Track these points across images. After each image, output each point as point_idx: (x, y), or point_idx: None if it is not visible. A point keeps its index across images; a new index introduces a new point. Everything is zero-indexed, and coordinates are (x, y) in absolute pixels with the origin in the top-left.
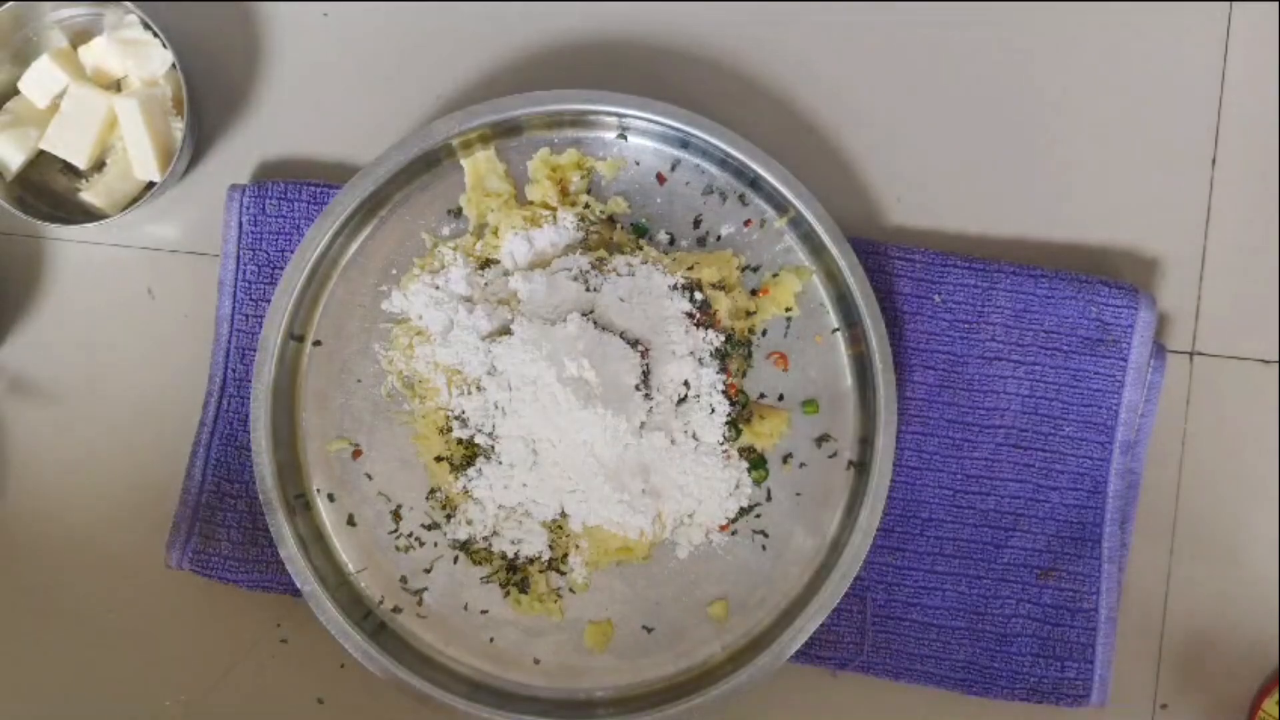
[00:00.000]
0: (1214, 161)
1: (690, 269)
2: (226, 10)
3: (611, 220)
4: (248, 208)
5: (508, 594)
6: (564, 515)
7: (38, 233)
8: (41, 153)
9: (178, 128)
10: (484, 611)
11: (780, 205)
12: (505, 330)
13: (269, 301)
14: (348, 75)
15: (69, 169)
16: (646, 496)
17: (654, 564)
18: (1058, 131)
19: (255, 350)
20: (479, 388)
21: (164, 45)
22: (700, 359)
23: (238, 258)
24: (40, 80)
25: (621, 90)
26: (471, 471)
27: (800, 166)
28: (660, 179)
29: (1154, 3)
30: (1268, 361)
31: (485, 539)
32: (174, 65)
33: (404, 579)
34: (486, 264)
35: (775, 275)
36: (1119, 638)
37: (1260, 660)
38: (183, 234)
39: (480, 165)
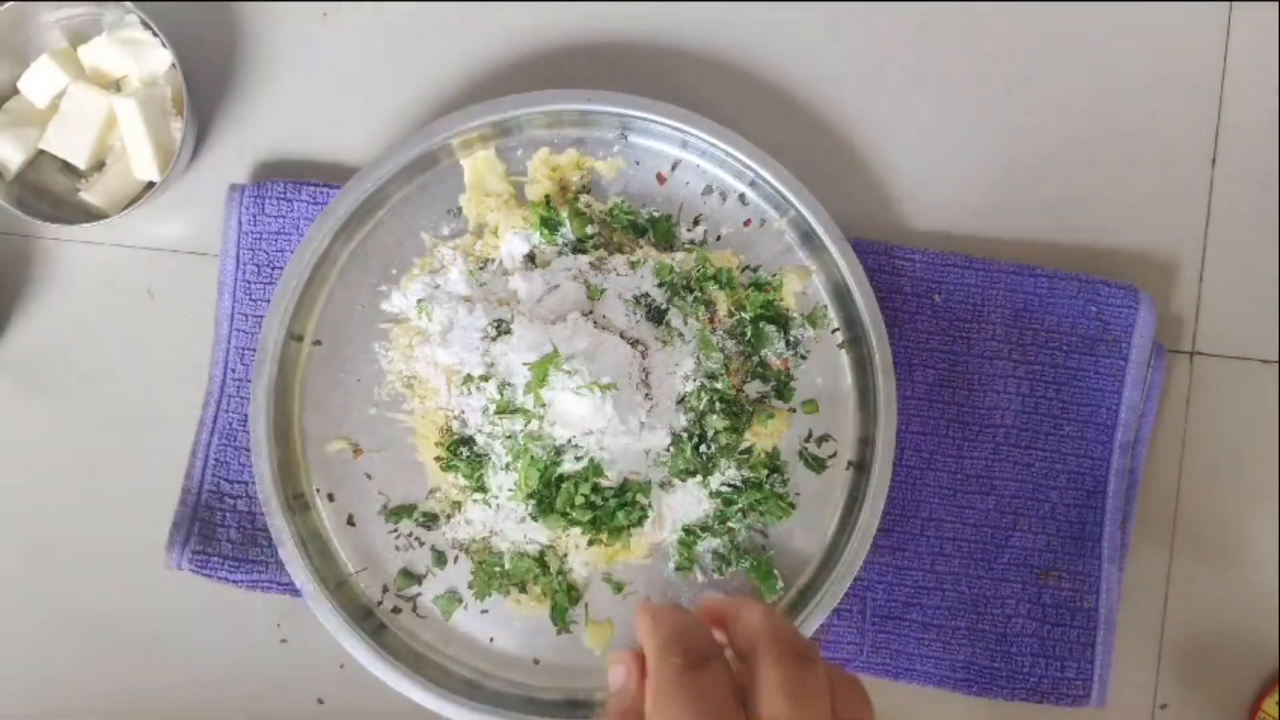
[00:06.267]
0: (1214, 161)
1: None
2: (226, 10)
3: (611, 220)
4: (247, 207)
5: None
6: None
7: (37, 233)
8: (41, 153)
9: (177, 128)
10: (484, 611)
11: (780, 205)
12: (505, 330)
13: (269, 301)
14: (348, 75)
15: (69, 169)
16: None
17: (654, 563)
18: (1058, 131)
19: (255, 350)
20: (479, 388)
21: (164, 45)
22: (700, 359)
23: (237, 258)
24: (40, 80)
25: (621, 90)
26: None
27: (800, 166)
28: (660, 179)
29: (1154, 3)
30: (1268, 361)
31: (485, 539)
32: (174, 65)
33: (404, 579)
34: (486, 264)
35: (775, 275)
36: (1119, 638)
37: (1260, 660)
38: (183, 234)
39: (480, 165)
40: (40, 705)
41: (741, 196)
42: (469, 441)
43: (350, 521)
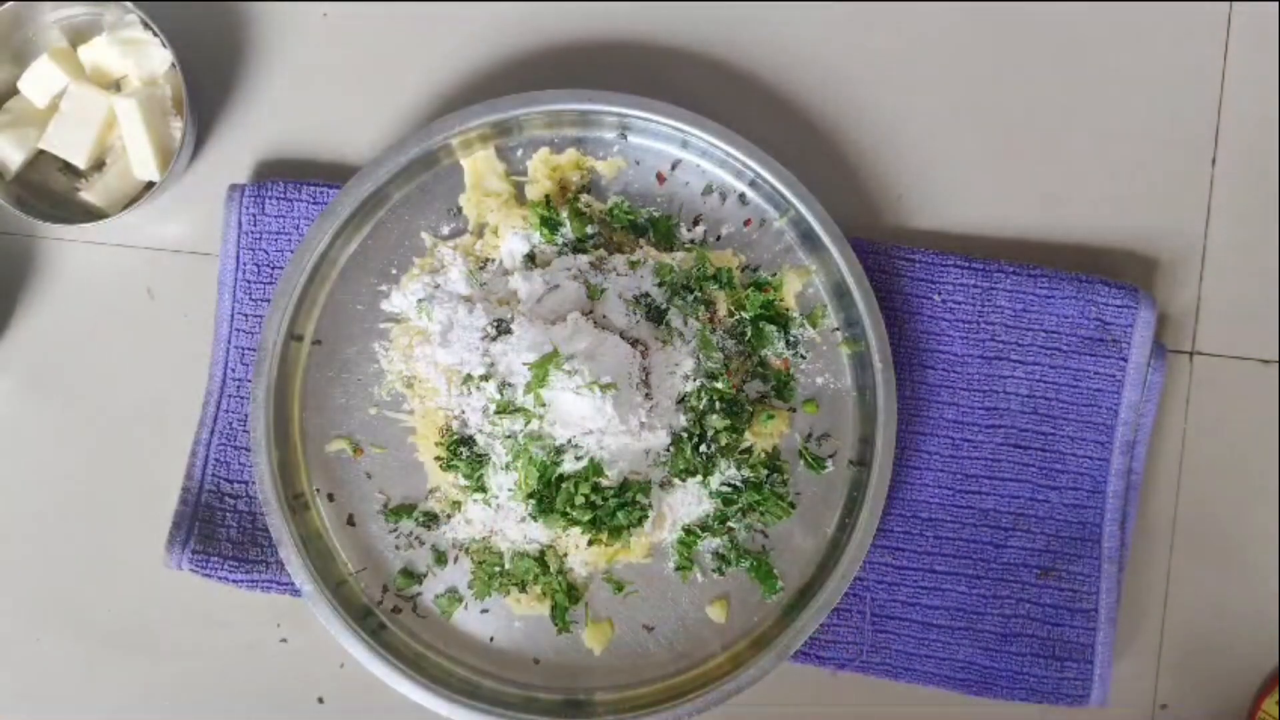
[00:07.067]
0: (1214, 161)
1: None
2: (226, 10)
3: (611, 220)
4: (247, 207)
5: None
6: None
7: (38, 233)
8: (41, 152)
9: (177, 127)
10: (484, 611)
11: (780, 205)
12: (505, 329)
13: (269, 301)
14: (348, 75)
15: (69, 169)
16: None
17: (654, 563)
18: (1058, 131)
19: (255, 350)
20: (479, 387)
21: (164, 45)
22: (700, 359)
23: (238, 258)
24: (40, 80)
25: (621, 90)
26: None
27: (800, 166)
28: (660, 179)
29: (1154, 2)
30: (1268, 361)
31: (485, 538)
32: (174, 65)
33: (404, 578)
34: (486, 264)
35: (775, 275)
36: (1119, 638)
37: (1260, 660)
38: (183, 234)
39: (480, 165)
40: (40, 705)
41: (741, 196)
42: (469, 441)
43: (350, 521)
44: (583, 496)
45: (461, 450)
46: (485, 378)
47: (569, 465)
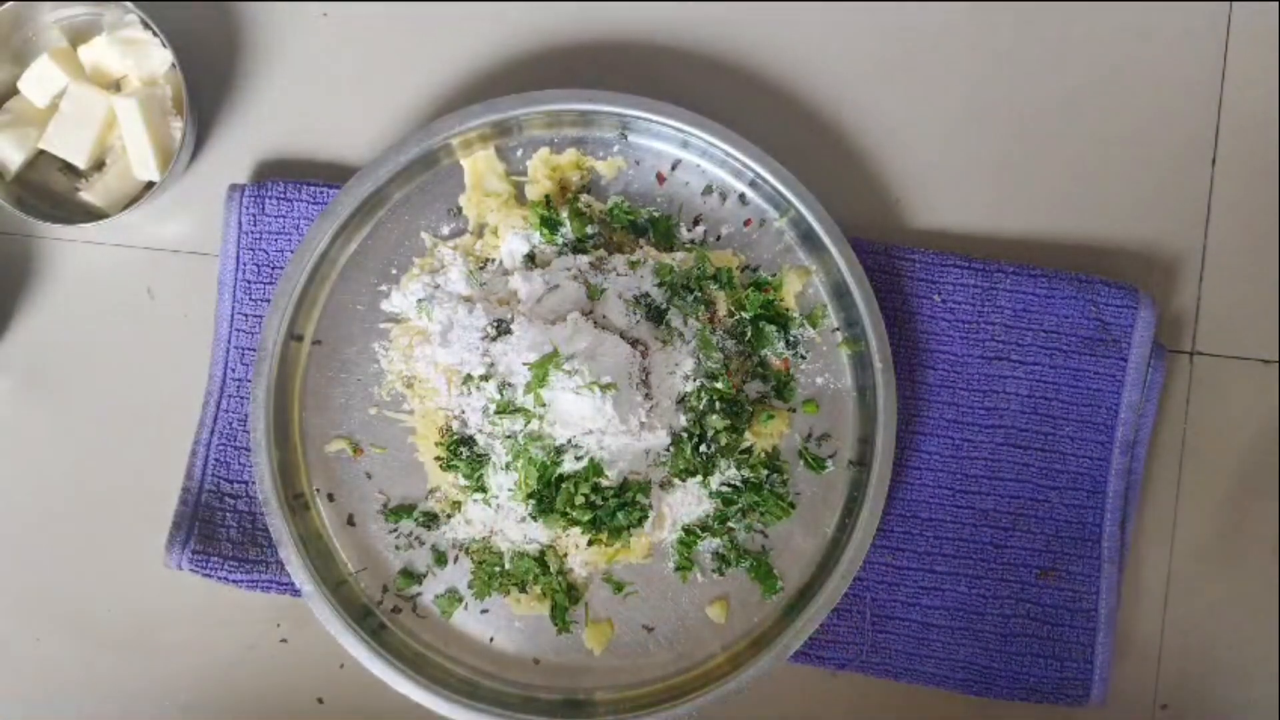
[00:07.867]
0: (1214, 161)
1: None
2: (226, 10)
3: (612, 220)
4: (247, 207)
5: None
6: None
7: (38, 233)
8: (41, 152)
9: (177, 127)
10: (484, 611)
11: (780, 205)
12: (505, 329)
13: (269, 301)
14: (348, 75)
15: (69, 169)
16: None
17: (653, 563)
18: (1058, 131)
19: (255, 350)
20: (479, 388)
21: (164, 45)
22: (700, 359)
23: (238, 258)
24: (40, 80)
25: (622, 90)
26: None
27: (800, 166)
28: (660, 179)
29: (1154, 2)
30: (1268, 361)
31: (485, 538)
32: (174, 65)
33: (404, 578)
34: (486, 264)
35: (775, 275)
36: (1119, 638)
37: (1260, 660)
38: (183, 234)
39: (480, 165)
40: (40, 705)
41: (741, 196)
42: (469, 441)
43: (350, 521)
44: (583, 496)
45: (461, 450)
46: (485, 378)
47: (569, 465)
